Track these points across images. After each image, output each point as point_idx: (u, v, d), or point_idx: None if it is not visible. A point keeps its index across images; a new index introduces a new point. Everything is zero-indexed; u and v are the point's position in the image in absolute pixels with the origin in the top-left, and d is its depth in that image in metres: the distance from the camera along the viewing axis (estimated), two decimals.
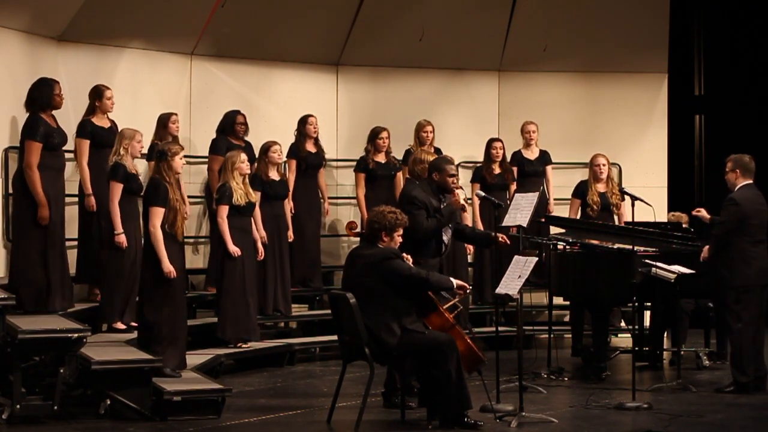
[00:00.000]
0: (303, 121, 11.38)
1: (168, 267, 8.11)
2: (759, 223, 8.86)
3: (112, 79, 10.29)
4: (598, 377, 9.48)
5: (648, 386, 9.09)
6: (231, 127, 10.93)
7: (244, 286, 9.78)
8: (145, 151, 10.13)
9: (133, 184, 8.96)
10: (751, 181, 8.95)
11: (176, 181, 8.32)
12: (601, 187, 11.25)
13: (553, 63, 12.76)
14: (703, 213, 9.39)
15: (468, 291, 7.89)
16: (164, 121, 10.43)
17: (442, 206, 8.28)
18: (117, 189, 8.89)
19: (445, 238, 8.30)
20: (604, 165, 11.24)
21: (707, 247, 9.02)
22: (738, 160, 8.99)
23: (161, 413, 7.67)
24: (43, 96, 8.61)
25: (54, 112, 8.85)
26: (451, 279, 7.72)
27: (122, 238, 8.90)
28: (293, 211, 11.10)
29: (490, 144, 11.85)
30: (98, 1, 10.31)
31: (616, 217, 11.35)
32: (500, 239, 8.29)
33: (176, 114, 10.57)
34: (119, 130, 9.17)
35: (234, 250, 9.67)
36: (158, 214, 8.14)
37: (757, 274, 8.79)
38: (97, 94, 9.64)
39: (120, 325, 9.03)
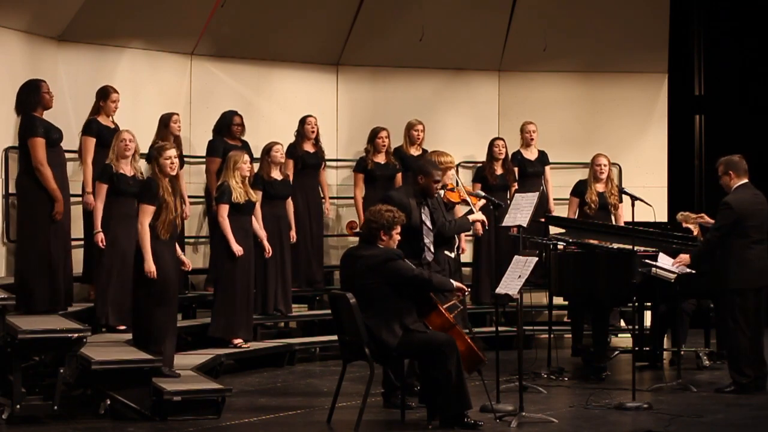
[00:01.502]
0: (302, 122, 11.40)
1: (149, 266, 8.05)
2: (757, 224, 8.82)
3: (112, 79, 10.29)
4: (598, 377, 9.48)
5: (648, 386, 9.09)
6: (227, 128, 10.93)
7: (243, 286, 9.78)
8: (144, 150, 10.15)
9: (120, 185, 8.97)
10: (746, 181, 8.90)
11: (172, 179, 8.29)
12: (600, 187, 11.26)
13: (553, 63, 12.76)
14: (705, 219, 9.38)
15: (466, 293, 7.86)
16: (165, 121, 10.44)
17: (422, 209, 8.21)
18: (100, 189, 9.06)
19: (427, 240, 8.23)
20: (605, 165, 11.24)
21: (687, 255, 8.98)
22: (728, 162, 8.93)
23: (161, 413, 7.67)
24: (32, 96, 8.59)
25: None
26: (451, 281, 7.72)
27: (99, 237, 8.94)
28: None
29: (492, 143, 11.85)
30: (98, 1, 10.31)
31: (613, 218, 11.35)
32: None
33: (177, 114, 10.57)
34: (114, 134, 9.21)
35: (237, 249, 9.66)
36: (147, 211, 8.11)
37: (754, 276, 8.77)
38: (103, 94, 9.73)
39: (120, 326, 9.05)
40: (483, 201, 8.76)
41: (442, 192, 8.59)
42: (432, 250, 8.29)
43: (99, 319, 9.07)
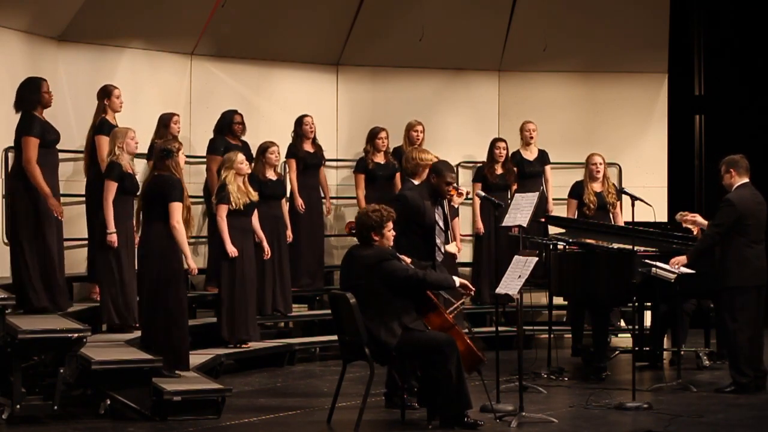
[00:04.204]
0: (299, 122, 11.40)
1: (192, 264, 8.16)
2: (756, 223, 8.83)
3: (112, 79, 10.29)
4: (598, 377, 9.48)
5: (648, 386, 9.09)
6: (228, 127, 10.94)
7: (243, 286, 9.78)
8: (143, 150, 10.15)
9: (127, 183, 8.96)
10: (747, 180, 8.92)
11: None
12: (597, 187, 11.25)
13: (553, 63, 12.76)
14: (699, 219, 9.39)
15: (472, 291, 7.82)
16: (166, 121, 10.45)
17: (436, 209, 8.22)
18: (111, 188, 8.88)
19: (438, 241, 8.25)
20: (600, 164, 11.23)
21: (683, 257, 8.97)
22: (730, 161, 8.96)
23: (161, 413, 7.67)
24: (32, 95, 8.56)
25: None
26: (454, 278, 7.69)
27: (113, 238, 8.89)
28: (303, 209, 11.12)
29: (493, 144, 11.84)
30: (98, 1, 10.32)
31: (611, 216, 11.34)
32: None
33: (178, 114, 10.60)
34: (112, 131, 9.15)
35: (231, 250, 9.66)
36: (179, 209, 8.10)
37: (753, 275, 8.77)
38: (106, 93, 9.73)
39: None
40: (462, 197, 8.64)
41: None
42: (442, 250, 8.31)
43: (112, 319, 9.05)
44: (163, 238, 8.10)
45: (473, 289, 7.81)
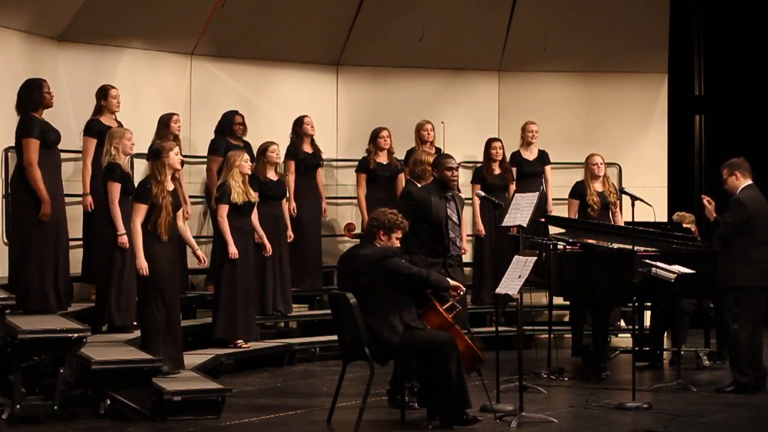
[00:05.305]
0: (299, 122, 11.38)
1: (141, 263, 8.10)
2: (763, 224, 8.84)
3: (112, 79, 10.29)
4: (598, 377, 9.48)
5: (648, 386, 9.09)
6: (229, 128, 10.94)
7: (243, 286, 9.78)
8: (143, 150, 10.15)
9: (129, 184, 8.96)
10: (751, 182, 8.94)
11: (174, 178, 8.31)
12: (598, 186, 11.25)
13: (553, 63, 12.76)
14: (710, 208, 9.35)
15: (462, 293, 7.81)
16: (166, 121, 10.45)
17: (447, 204, 8.24)
18: (115, 189, 8.84)
19: (452, 235, 8.25)
20: (601, 164, 11.23)
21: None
22: (733, 164, 8.97)
23: (161, 413, 7.67)
24: (33, 96, 8.55)
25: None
26: (448, 279, 7.70)
27: (125, 239, 8.88)
28: (295, 212, 11.12)
29: (489, 144, 11.84)
30: (98, 1, 10.32)
31: (611, 215, 11.33)
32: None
33: (177, 114, 10.59)
34: (108, 132, 9.14)
35: (233, 251, 9.66)
36: (139, 210, 8.14)
37: (758, 276, 8.78)
38: (103, 93, 9.73)
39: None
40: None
41: None
42: (458, 244, 8.33)
43: (112, 320, 9.05)
44: (144, 237, 8.15)
45: (463, 288, 7.80)
